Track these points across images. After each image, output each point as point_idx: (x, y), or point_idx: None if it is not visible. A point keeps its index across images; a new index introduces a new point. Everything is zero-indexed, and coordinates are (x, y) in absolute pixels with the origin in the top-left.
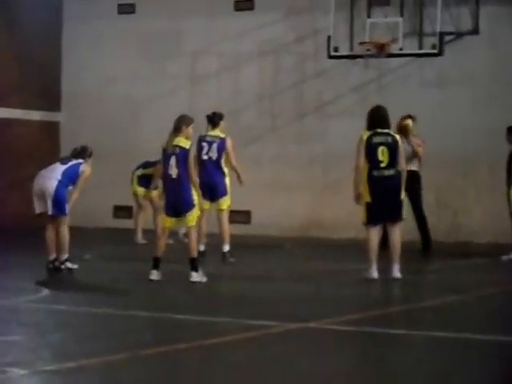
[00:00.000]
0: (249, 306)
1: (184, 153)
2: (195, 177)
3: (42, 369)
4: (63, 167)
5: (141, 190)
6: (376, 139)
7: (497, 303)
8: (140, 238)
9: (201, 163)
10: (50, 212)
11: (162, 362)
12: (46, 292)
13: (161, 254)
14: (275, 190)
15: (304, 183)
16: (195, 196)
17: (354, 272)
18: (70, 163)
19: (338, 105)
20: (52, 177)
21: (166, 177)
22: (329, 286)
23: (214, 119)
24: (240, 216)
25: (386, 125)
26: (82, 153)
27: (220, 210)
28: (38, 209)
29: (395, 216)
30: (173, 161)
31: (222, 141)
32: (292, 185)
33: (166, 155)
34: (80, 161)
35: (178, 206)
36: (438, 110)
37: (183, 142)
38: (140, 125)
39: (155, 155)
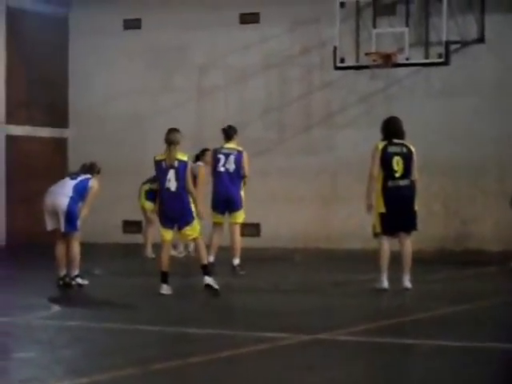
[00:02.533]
0: (259, 319)
1: (184, 165)
2: (193, 189)
3: None
4: (73, 182)
5: (149, 205)
6: (391, 149)
7: (506, 312)
8: (150, 252)
9: (217, 175)
10: (62, 229)
11: (173, 376)
12: (56, 308)
13: (166, 268)
14: (284, 202)
15: (312, 195)
16: (194, 209)
17: (363, 283)
18: (80, 178)
19: (345, 115)
20: (63, 193)
21: (163, 190)
22: (338, 297)
23: (229, 132)
24: (249, 228)
25: (402, 135)
26: (90, 169)
27: (234, 223)
28: (50, 225)
29: (409, 226)
30: (171, 174)
31: (240, 153)
32: (300, 196)
33: (163, 169)
34: (88, 176)
35: (177, 219)
36: (445, 119)
37: (181, 155)
38: (147, 139)
39: None
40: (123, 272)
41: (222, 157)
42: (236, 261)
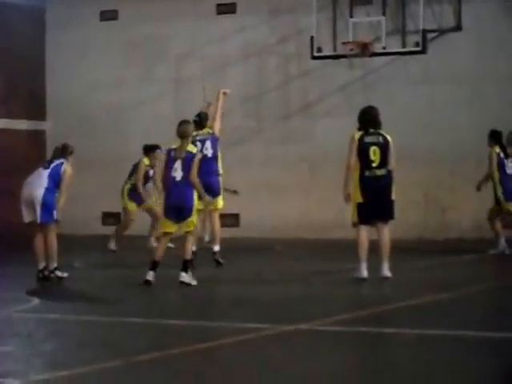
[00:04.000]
0: (241, 309)
1: (192, 156)
2: (197, 181)
3: (35, 378)
4: (47, 172)
5: (132, 206)
6: (368, 139)
7: (486, 299)
8: (113, 245)
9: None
10: (39, 220)
11: (155, 368)
12: (36, 301)
13: (159, 259)
14: (263, 192)
15: (292, 184)
16: (196, 201)
17: (344, 272)
18: (52, 165)
19: (324, 105)
20: (39, 184)
21: (168, 179)
22: (319, 287)
23: (201, 122)
24: (229, 219)
25: (378, 125)
26: (63, 151)
27: (215, 210)
28: (27, 218)
29: (387, 215)
30: (178, 164)
31: (214, 136)
32: (280, 186)
33: (171, 158)
34: (61, 160)
35: (181, 209)
36: (424, 107)
37: (190, 147)
38: (126, 131)
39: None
40: (103, 264)
41: (198, 144)
42: (216, 247)
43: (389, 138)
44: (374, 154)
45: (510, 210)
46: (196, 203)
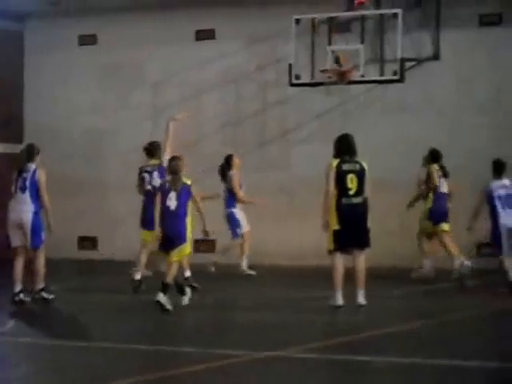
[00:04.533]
0: (214, 336)
1: (187, 187)
2: (189, 212)
3: None
4: (26, 195)
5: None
6: (345, 166)
7: (461, 328)
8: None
9: (146, 194)
10: (30, 245)
11: None
12: (11, 324)
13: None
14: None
15: (268, 211)
16: (189, 233)
17: (318, 299)
18: (27, 183)
19: (301, 132)
20: (26, 210)
21: (164, 209)
22: (293, 314)
23: (151, 150)
24: (205, 245)
25: (354, 152)
26: (29, 154)
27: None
28: (17, 242)
29: (363, 243)
30: (172, 194)
31: (161, 167)
32: (256, 213)
33: (166, 189)
34: (32, 168)
35: (173, 238)
36: (401, 135)
37: (185, 178)
38: (103, 156)
39: (120, 187)
40: (79, 289)
41: (146, 175)
42: (187, 273)
43: (365, 165)
44: (351, 181)
45: (438, 231)
46: (189, 232)
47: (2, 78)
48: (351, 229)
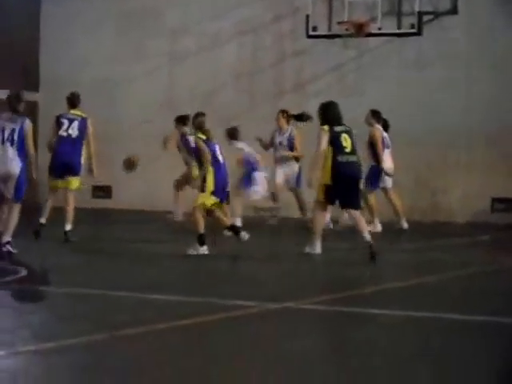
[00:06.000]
0: (225, 286)
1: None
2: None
3: (21, 350)
4: (13, 148)
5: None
6: (337, 129)
7: (473, 283)
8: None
9: (59, 139)
10: (12, 197)
11: (140, 342)
12: (23, 273)
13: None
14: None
15: None
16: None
17: (331, 251)
18: (14, 136)
19: (317, 84)
20: (13, 161)
21: (215, 162)
22: (306, 266)
23: (73, 100)
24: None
25: (341, 120)
26: (17, 101)
27: (69, 189)
28: None
29: (353, 203)
30: (218, 148)
31: (84, 120)
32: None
33: (212, 144)
34: (18, 120)
35: (225, 187)
36: (416, 89)
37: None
38: (119, 105)
39: (134, 136)
40: (93, 237)
41: (65, 122)
42: (68, 226)
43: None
44: (345, 140)
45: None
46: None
47: (19, 28)
48: (344, 186)
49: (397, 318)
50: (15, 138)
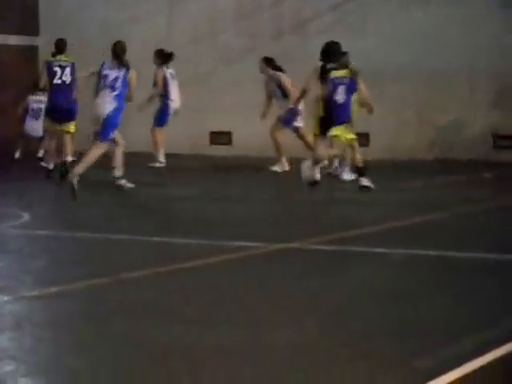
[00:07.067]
0: (229, 227)
1: (353, 81)
2: None
3: (25, 294)
4: (112, 94)
5: None
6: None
7: (477, 220)
8: None
9: (53, 87)
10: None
11: (144, 285)
12: (27, 217)
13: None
14: (256, 111)
15: None
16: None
17: (334, 191)
18: (117, 83)
19: (318, 23)
20: (107, 105)
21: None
22: (309, 206)
23: (61, 46)
24: (221, 137)
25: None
26: (122, 52)
27: (67, 132)
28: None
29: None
30: (341, 88)
31: (73, 64)
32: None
33: (335, 83)
34: (123, 68)
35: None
36: (419, 27)
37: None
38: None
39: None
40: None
41: (58, 70)
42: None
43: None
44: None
45: None
46: None
47: None
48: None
49: (401, 256)
50: (117, 85)
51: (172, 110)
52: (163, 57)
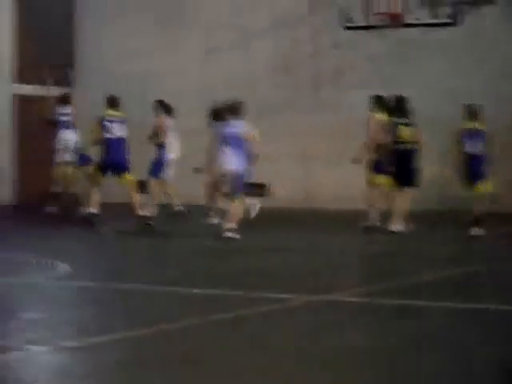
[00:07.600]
0: (261, 279)
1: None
2: None
3: (62, 345)
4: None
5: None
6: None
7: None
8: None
9: (105, 141)
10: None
11: (184, 336)
12: (66, 268)
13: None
14: (293, 162)
15: (322, 154)
16: None
17: (367, 243)
18: (233, 139)
19: (354, 76)
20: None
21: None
22: (342, 258)
23: (115, 102)
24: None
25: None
26: (238, 109)
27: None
28: None
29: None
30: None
31: (124, 120)
32: (310, 156)
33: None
34: (240, 124)
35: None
36: (453, 80)
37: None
38: (150, 99)
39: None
40: (134, 231)
41: (107, 123)
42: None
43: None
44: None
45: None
46: None
47: (56, 22)
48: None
49: (438, 309)
50: (232, 140)
51: (169, 161)
52: (165, 107)
